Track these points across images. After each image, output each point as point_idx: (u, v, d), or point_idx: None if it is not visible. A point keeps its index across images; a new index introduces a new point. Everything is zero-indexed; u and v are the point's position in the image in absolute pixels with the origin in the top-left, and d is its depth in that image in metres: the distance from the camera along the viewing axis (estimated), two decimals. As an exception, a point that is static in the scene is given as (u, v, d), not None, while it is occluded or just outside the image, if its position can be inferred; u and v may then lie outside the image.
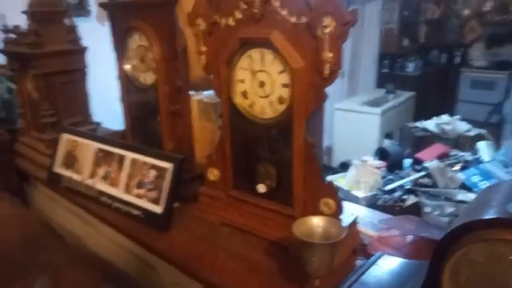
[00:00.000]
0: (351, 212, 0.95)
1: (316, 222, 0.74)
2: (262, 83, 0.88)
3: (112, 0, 1.38)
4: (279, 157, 0.93)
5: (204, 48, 0.96)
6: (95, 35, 1.84)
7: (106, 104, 1.84)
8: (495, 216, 0.50)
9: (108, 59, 1.38)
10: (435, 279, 0.58)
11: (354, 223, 0.94)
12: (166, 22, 1.19)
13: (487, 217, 0.51)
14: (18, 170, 1.80)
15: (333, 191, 0.85)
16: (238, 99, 0.94)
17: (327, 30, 0.70)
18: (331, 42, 0.71)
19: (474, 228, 0.52)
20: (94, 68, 1.80)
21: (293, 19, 0.76)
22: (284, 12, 0.77)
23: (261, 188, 0.98)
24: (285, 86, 0.84)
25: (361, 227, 0.98)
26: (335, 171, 4.12)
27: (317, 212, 0.87)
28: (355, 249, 0.92)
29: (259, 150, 0.96)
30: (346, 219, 0.91)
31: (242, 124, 0.96)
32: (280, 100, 0.86)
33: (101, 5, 1.36)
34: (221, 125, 1.03)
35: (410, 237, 0.87)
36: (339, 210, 0.86)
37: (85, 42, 1.72)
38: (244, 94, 0.93)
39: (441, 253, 0.57)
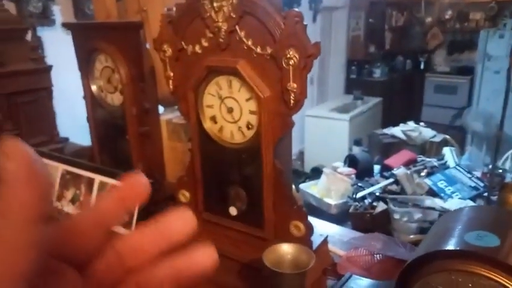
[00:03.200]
0: (321, 231, 0.97)
1: (286, 249, 0.75)
2: (230, 109, 0.89)
3: (76, 21, 1.35)
4: (249, 181, 0.93)
5: (170, 74, 0.95)
6: (60, 44, 1.79)
7: (74, 115, 1.79)
8: (454, 248, 0.53)
9: (75, 69, 1.34)
10: (400, 305, 0.60)
11: (324, 243, 0.96)
12: (132, 44, 1.18)
13: (446, 248, 0.53)
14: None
15: (303, 215, 0.87)
16: (208, 124, 0.95)
17: (291, 62, 0.72)
18: (295, 73, 0.73)
19: (435, 258, 0.55)
20: (60, 78, 1.75)
21: (258, 49, 0.77)
22: (249, 42, 0.78)
23: (233, 211, 0.99)
24: (252, 112, 0.85)
25: (331, 246, 1.00)
26: (307, 176, 4.17)
27: (288, 234, 0.89)
28: (325, 269, 0.93)
29: (230, 173, 0.96)
30: (316, 240, 0.92)
31: (212, 148, 0.96)
32: (249, 126, 0.87)
33: (64, 24, 1.34)
34: (191, 147, 1.03)
35: (378, 257, 0.90)
36: (308, 232, 0.87)
37: (50, 51, 1.68)
38: (214, 119, 0.94)
39: (405, 281, 0.59)
